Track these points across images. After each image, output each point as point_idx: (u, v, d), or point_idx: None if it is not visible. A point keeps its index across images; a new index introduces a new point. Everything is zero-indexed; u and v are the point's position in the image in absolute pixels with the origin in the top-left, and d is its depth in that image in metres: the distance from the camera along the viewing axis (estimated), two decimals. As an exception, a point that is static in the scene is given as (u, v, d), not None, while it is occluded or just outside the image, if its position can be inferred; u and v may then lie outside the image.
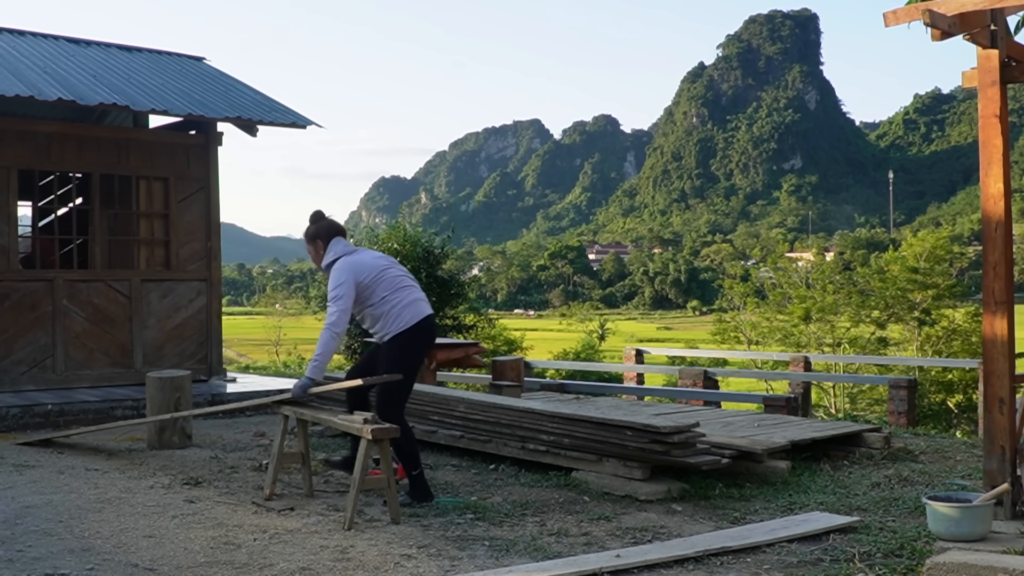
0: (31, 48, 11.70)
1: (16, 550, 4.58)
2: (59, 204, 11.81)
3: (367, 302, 5.76)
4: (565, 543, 4.74)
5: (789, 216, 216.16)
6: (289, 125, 11.16)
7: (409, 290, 5.87)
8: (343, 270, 5.75)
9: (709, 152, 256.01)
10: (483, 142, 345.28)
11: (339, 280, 5.72)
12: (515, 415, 6.69)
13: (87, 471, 6.68)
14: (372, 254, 6.08)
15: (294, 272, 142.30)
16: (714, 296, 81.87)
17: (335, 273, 5.77)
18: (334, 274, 5.78)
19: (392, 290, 5.78)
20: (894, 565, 4.26)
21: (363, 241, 16.95)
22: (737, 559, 4.42)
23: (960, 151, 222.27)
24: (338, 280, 5.72)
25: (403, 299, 5.78)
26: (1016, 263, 36.67)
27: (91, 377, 10.40)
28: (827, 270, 33.62)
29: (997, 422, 4.87)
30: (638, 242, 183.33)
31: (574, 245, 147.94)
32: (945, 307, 27.28)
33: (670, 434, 5.79)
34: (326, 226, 6.03)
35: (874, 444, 7.10)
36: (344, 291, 5.67)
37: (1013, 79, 5.04)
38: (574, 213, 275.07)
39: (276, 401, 6.06)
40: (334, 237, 5.98)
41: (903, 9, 4.97)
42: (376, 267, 5.83)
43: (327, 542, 4.74)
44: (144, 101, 10.30)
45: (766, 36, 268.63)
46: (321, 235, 5.98)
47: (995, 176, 4.89)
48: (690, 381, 13.00)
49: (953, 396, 22.25)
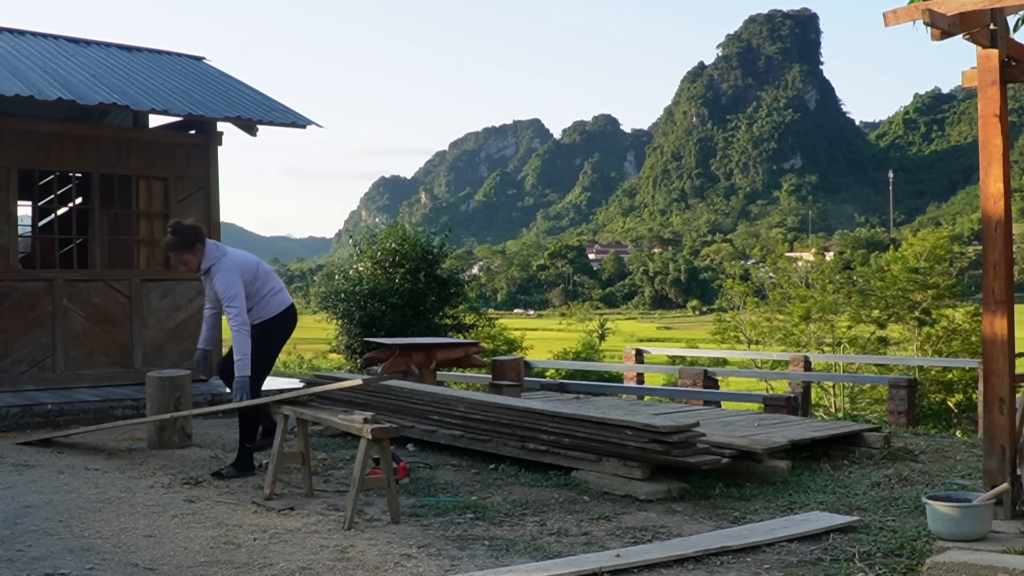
0: (31, 48, 11.69)
1: (16, 549, 4.58)
2: (59, 204, 11.81)
3: (251, 297, 6.33)
4: (565, 543, 4.74)
5: (789, 216, 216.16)
6: (289, 125, 11.15)
7: (275, 280, 6.56)
8: (230, 271, 6.25)
9: (709, 152, 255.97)
10: (483, 142, 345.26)
11: (229, 281, 6.23)
12: (515, 415, 6.69)
13: (87, 471, 6.68)
14: (240, 252, 6.56)
15: (294, 272, 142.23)
16: (714, 296, 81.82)
17: (223, 275, 6.24)
18: (222, 276, 6.23)
19: (264, 282, 6.44)
20: (894, 565, 4.26)
21: (362, 241, 16.94)
22: (737, 559, 4.42)
23: (960, 151, 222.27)
24: (229, 281, 6.23)
25: (272, 288, 6.48)
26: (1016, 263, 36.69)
27: (91, 377, 10.40)
28: (827, 270, 33.59)
29: (997, 421, 4.87)
30: (638, 242, 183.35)
31: (574, 245, 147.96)
32: (945, 307, 27.27)
33: (670, 434, 5.79)
34: (196, 229, 6.39)
35: (874, 444, 7.10)
36: (237, 290, 6.22)
37: (1013, 79, 5.04)
38: (574, 213, 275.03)
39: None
40: (205, 238, 6.39)
41: (903, 9, 4.97)
42: (252, 262, 6.46)
43: (327, 542, 4.74)
44: (144, 101, 10.30)
45: (766, 36, 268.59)
46: (200, 238, 6.34)
47: (995, 176, 4.89)
48: (690, 381, 13.00)
49: (953, 396, 22.25)
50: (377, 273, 15.59)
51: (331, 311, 15.94)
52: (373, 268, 15.78)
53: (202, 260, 6.33)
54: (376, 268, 15.72)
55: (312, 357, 31.47)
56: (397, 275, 15.42)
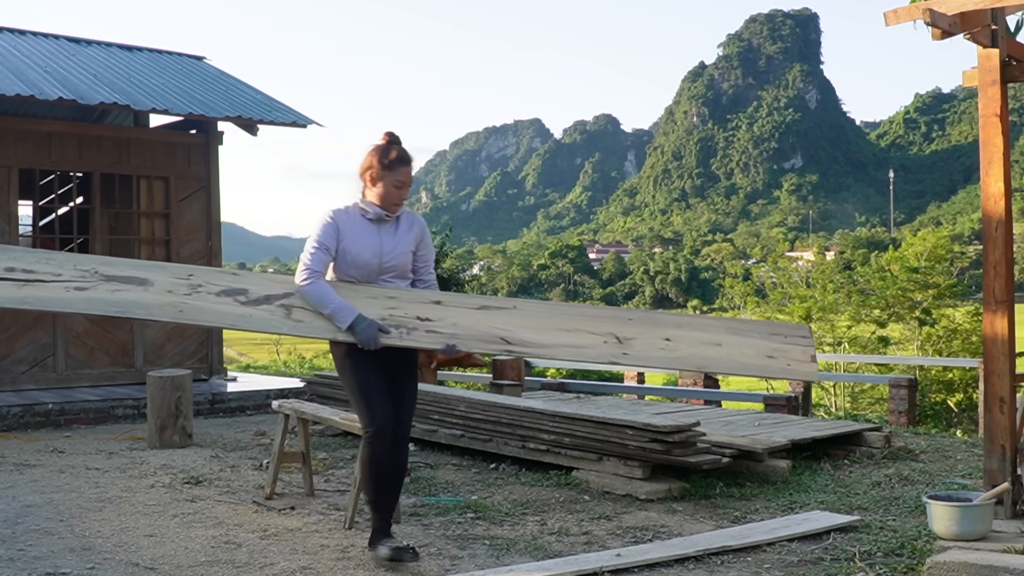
0: (32, 47, 11.70)
1: (17, 549, 4.59)
2: (60, 203, 11.82)
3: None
4: (566, 542, 4.74)
5: (789, 215, 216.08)
6: (290, 124, 11.17)
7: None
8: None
9: (710, 151, 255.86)
10: (483, 141, 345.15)
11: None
12: (516, 414, 6.70)
13: (88, 470, 6.69)
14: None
15: (294, 271, 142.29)
16: (715, 295, 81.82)
17: (428, 234, 4.68)
18: (428, 234, 4.68)
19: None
20: (894, 564, 4.26)
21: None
22: (737, 558, 4.42)
23: (960, 150, 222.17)
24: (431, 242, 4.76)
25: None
26: (1016, 262, 36.66)
27: (92, 376, 10.41)
28: (827, 269, 33.60)
29: (997, 421, 4.87)
30: (639, 241, 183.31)
31: (575, 244, 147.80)
32: (945, 306, 27.25)
33: (670, 433, 5.79)
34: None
35: (875, 443, 7.11)
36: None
37: (1013, 78, 5.04)
38: (575, 212, 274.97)
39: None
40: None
41: (904, 8, 4.97)
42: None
43: (328, 541, 4.74)
44: (145, 100, 10.31)
45: (767, 35, 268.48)
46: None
47: (995, 175, 4.89)
48: (691, 380, 12.99)
49: (953, 395, 22.23)
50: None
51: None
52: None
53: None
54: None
55: (313, 356, 31.46)
56: (398, 275, 15.43)
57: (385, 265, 4.40)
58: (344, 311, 4.19)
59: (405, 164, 4.37)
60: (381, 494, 4.33)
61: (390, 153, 4.35)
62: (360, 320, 4.18)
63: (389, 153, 4.35)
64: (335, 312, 4.20)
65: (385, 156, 4.35)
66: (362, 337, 4.16)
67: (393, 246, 4.41)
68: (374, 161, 4.35)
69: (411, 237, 4.47)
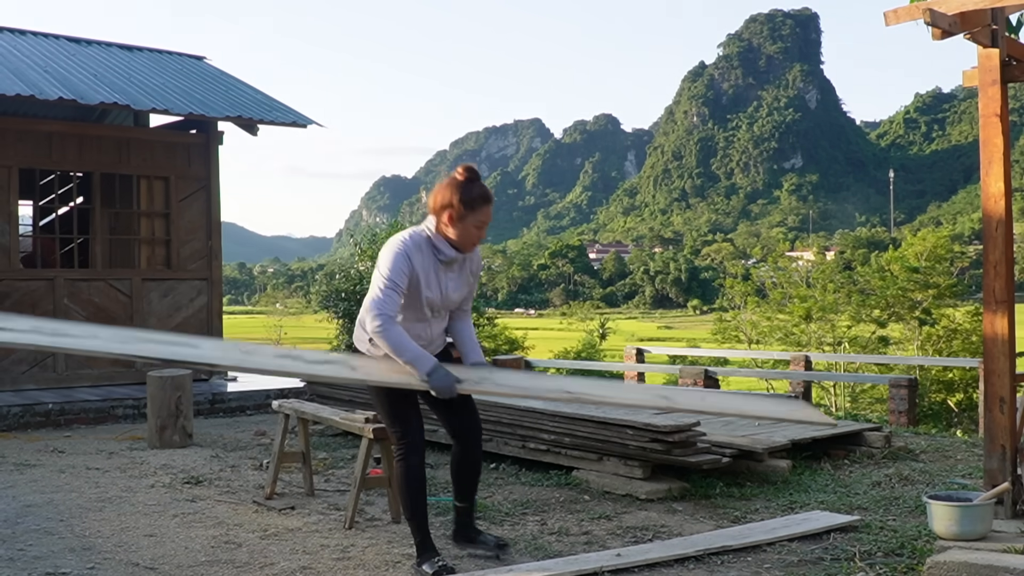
0: (32, 47, 11.70)
1: (17, 549, 4.59)
2: (60, 203, 11.82)
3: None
4: (566, 542, 4.74)
5: (790, 215, 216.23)
6: (290, 124, 11.18)
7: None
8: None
9: (710, 151, 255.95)
10: (484, 141, 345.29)
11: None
12: (516, 414, 6.69)
13: (88, 470, 6.68)
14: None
15: (295, 271, 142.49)
16: (715, 295, 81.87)
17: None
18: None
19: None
20: (895, 564, 4.25)
21: (363, 240, 16.94)
22: (738, 558, 4.42)
23: (961, 150, 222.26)
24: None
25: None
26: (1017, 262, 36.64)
27: (92, 376, 10.41)
28: (828, 269, 33.65)
29: (998, 421, 4.87)
30: (639, 241, 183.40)
31: (575, 244, 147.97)
32: (946, 306, 27.29)
33: (671, 433, 5.79)
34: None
35: (875, 443, 7.10)
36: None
37: (1014, 78, 5.04)
38: (575, 212, 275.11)
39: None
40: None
41: (904, 8, 4.96)
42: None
43: (328, 541, 4.74)
44: (145, 100, 10.31)
45: (767, 35, 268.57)
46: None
47: (996, 175, 4.89)
48: (691, 380, 12.99)
49: (954, 395, 22.26)
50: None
51: (332, 310, 15.95)
52: (374, 267, 15.81)
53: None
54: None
55: (313, 356, 31.47)
56: (398, 275, 15.45)
57: (445, 305, 4.21)
58: (421, 359, 3.94)
59: (487, 203, 4.07)
60: (419, 508, 4.21)
61: (472, 191, 4.02)
62: (437, 369, 3.94)
63: (471, 191, 4.01)
64: (413, 360, 3.93)
65: (467, 194, 4.00)
66: (438, 385, 3.92)
67: (457, 287, 4.21)
68: (454, 199, 4.00)
69: (473, 278, 4.31)
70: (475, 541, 4.42)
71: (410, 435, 4.21)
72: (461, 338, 4.34)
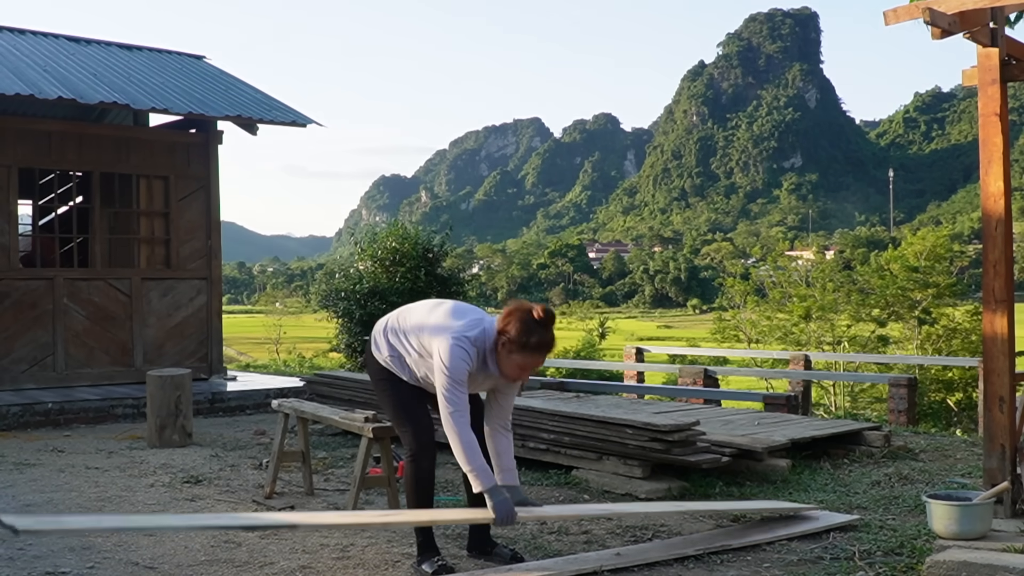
0: (31, 47, 11.70)
1: (16, 548, 4.59)
2: (59, 202, 11.82)
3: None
4: (565, 541, 4.74)
5: (789, 214, 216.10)
6: (289, 124, 11.18)
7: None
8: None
9: (709, 150, 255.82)
10: (483, 140, 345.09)
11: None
12: (516, 414, 6.69)
13: (88, 469, 6.68)
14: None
15: (294, 271, 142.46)
16: (714, 294, 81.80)
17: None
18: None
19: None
20: (894, 563, 4.26)
21: (363, 240, 16.93)
22: (737, 557, 4.43)
23: (960, 149, 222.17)
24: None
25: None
26: (1016, 261, 36.66)
27: (92, 375, 10.42)
28: (827, 268, 33.63)
29: (997, 420, 4.87)
30: (638, 240, 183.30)
31: (574, 243, 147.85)
32: (945, 305, 27.27)
33: (670, 432, 5.79)
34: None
35: (874, 442, 7.10)
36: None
37: (1013, 77, 5.04)
38: (574, 211, 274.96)
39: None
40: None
41: (903, 8, 4.97)
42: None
43: (327, 540, 4.74)
44: (144, 100, 10.31)
45: (766, 34, 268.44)
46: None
47: (995, 174, 4.89)
48: (690, 379, 13.00)
49: (953, 394, 22.25)
50: (378, 272, 15.57)
51: (332, 310, 15.91)
52: (374, 267, 15.76)
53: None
54: (376, 267, 15.70)
55: (313, 356, 31.46)
56: (398, 274, 15.40)
57: (478, 390, 4.29)
58: (485, 475, 3.94)
59: (543, 351, 4.03)
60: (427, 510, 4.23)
61: (532, 335, 3.97)
62: (497, 492, 3.91)
63: (532, 334, 3.97)
64: (476, 471, 3.93)
65: (527, 335, 3.96)
66: (497, 510, 3.87)
67: (491, 384, 4.25)
68: (516, 335, 3.96)
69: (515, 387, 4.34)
70: (490, 554, 4.41)
71: (421, 436, 4.22)
72: (498, 450, 4.24)
